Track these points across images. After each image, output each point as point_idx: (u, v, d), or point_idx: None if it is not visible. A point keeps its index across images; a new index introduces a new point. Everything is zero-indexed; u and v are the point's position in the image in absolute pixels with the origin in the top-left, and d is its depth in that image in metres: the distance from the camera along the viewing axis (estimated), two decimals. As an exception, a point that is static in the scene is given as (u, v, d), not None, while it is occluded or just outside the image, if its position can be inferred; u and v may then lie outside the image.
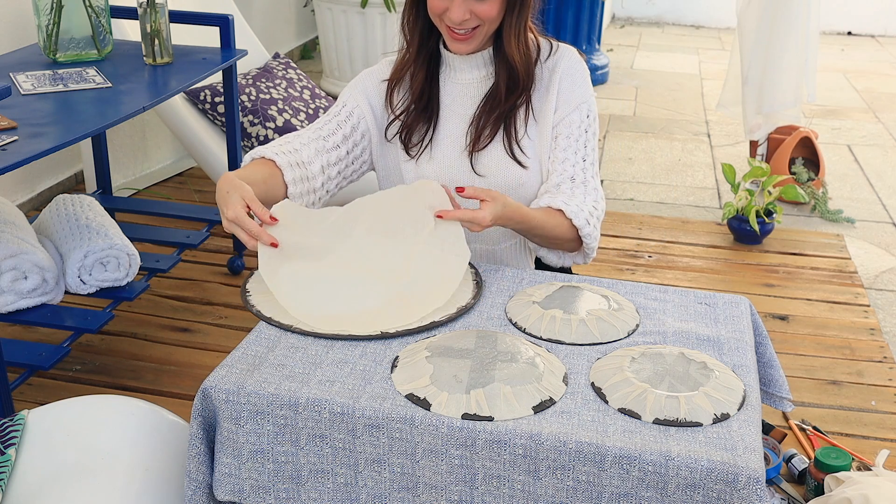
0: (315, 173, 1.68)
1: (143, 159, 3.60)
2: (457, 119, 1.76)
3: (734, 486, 1.18)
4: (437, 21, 1.66)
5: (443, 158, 1.76)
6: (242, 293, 1.56)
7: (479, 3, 1.60)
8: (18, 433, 1.45)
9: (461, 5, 1.59)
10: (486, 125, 1.73)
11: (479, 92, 1.75)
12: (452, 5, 1.59)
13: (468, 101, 1.76)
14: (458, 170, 1.76)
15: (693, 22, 7.36)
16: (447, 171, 1.76)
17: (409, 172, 1.78)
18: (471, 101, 1.76)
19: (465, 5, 1.59)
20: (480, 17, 1.61)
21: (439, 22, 1.65)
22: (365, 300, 1.51)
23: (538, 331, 1.47)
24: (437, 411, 1.26)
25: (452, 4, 1.59)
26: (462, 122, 1.76)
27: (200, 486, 1.35)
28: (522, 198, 1.76)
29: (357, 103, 1.76)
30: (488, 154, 1.74)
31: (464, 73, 1.75)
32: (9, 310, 2.13)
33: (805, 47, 3.61)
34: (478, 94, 1.75)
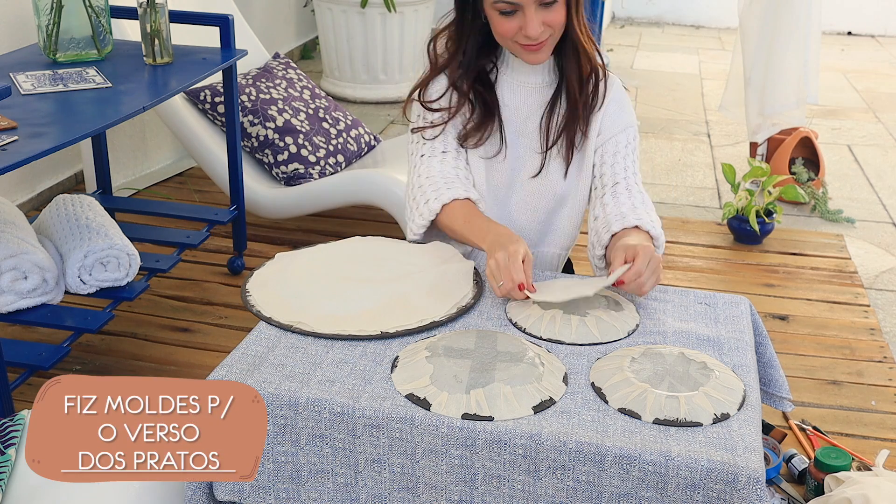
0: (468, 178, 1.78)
1: (143, 159, 3.60)
2: (523, 123, 1.78)
3: (734, 486, 1.18)
4: (508, 43, 1.67)
5: (513, 162, 1.79)
6: (242, 293, 1.57)
7: (548, 13, 1.61)
8: (18, 433, 1.46)
9: (534, 19, 1.60)
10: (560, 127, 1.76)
11: (538, 97, 1.77)
12: (527, 22, 1.60)
13: (528, 103, 1.78)
14: (523, 172, 1.79)
15: (693, 22, 7.36)
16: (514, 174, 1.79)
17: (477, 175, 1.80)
18: (530, 104, 1.77)
19: (537, 18, 1.60)
20: (552, 25, 1.63)
21: (510, 43, 1.67)
22: (365, 301, 1.51)
23: (538, 331, 1.47)
24: (438, 411, 1.26)
25: (527, 21, 1.60)
26: (528, 125, 1.78)
27: (200, 485, 1.35)
28: (558, 204, 1.81)
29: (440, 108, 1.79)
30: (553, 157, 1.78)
31: (528, 76, 1.76)
32: (9, 310, 2.13)
33: (806, 48, 3.60)
34: (537, 99, 1.77)
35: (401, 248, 1.71)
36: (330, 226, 3.25)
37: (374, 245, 1.73)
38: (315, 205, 3.04)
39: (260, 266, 1.66)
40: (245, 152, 3.12)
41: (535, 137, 1.78)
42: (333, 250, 1.69)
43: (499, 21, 1.64)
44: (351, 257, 1.67)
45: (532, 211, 1.82)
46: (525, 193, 1.81)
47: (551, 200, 1.81)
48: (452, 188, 1.70)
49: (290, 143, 3.08)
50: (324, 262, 1.65)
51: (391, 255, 1.67)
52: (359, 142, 3.30)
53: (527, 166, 1.79)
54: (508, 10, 1.61)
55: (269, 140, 3.08)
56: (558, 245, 1.85)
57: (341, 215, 3.28)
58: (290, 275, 1.60)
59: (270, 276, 1.61)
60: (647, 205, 1.73)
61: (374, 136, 3.41)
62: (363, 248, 1.71)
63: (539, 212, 1.82)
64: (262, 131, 3.08)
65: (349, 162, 3.22)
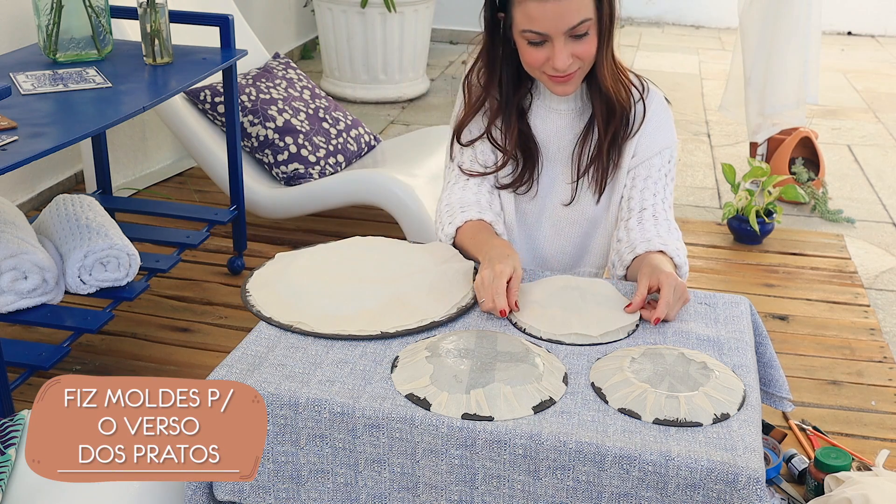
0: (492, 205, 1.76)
1: (143, 159, 3.60)
2: (555, 151, 1.76)
3: (734, 486, 1.18)
4: (537, 73, 1.64)
5: (543, 192, 1.78)
6: (242, 293, 1.57)
7: (578, 45, 1.58)
8: (18, 433, 1.46)
9: (563, 51, 1.57)
10: (591, 156, 1.73)
11: (571, 124, 1.74)
12: (556, 54, 1.57)
13: (561, 131, 1.75)
14: (553, 201, 1.78)
15: (693, 22, 7.36)
16: (544, 202, 1.78)
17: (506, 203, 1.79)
18: (563, 132, 1.75)
19: (566, 50, 1.57)
20: (581, 57, 1.59)
21: (539, 73, 1.64)
22: (365, 301, 1.51)
23: (538, 331, 1.47)
24: (437, 411, 1.26)
25: (555, 53, 1.57)
26: (560, 154, 1.76)
27: (200, 485, 1.35)
28: (588, 230, 1.80)
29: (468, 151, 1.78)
30: (584, 185, 1.77)
31: (560, 104, 1.74)
32: (9, 310, 2.13)
33: (806, 48, 3.60)
34: (570, 126, 1.74)
35: (401, 249, 1.71)
36: (330, 226, 3.25)
37: (374, 245, 1.73)
38: (315, 205, 3.04)
39: (260, 266, 1.66)
40: (245, 152, 3.12)
41: (567, 165, 1.76)
42: (333, 250, 1.69)
43: (527, 51, 1.60)
44: (351, 257, 1.67)
45: (565, 237, 1.81)
46: (556, 220, 1.79)
47: (584, 226, 1.80)
48: (467, 211, 1.71)
49: (290, 143, 3.08)
50: (324, 262, 1.65)
51: (391, 255, 1.67)
52: (359, 142, 3.31)
53: (557, 194, 1.78)
54: (537, 41, 1.58)
55: (269, 140, 3.08)
56: (594, 265, 1.85)
57: (341, 215, 3.29)
58: (290, 275, 1.60)
59: (270, 276, 1.61)
60: (674, 233, 1.68)
61: (374, 136, 3.41)
62: (363, 248, 1.71)
63: (572, 237, 1.81)
64: (262, 131, 3.08)
65: (349, 162, 3.22)
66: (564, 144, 1.76)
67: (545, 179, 1.77)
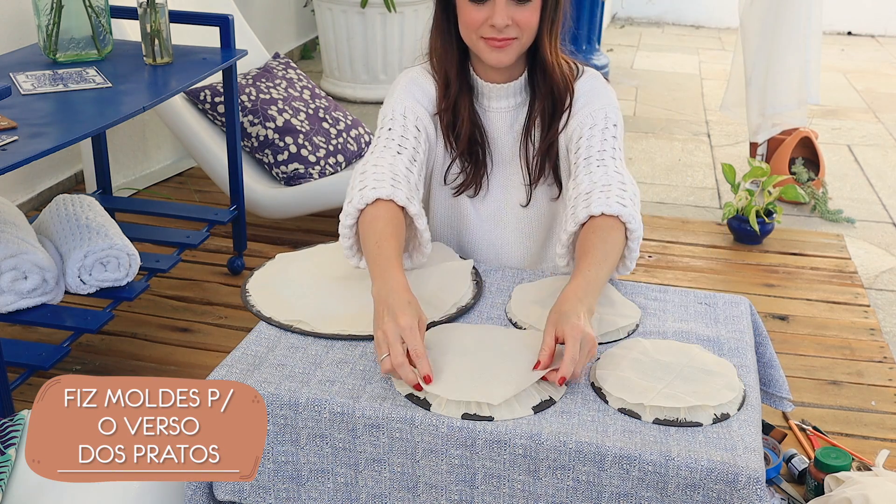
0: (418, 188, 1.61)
1: (143, 159, 3.60)
2: (498, 150, 1.73)
3: (734, 486, 1.18)
4: (473, 38, 1.60)
5: (497, 193, 1.74)
6: (242, 293, 1.57)
7: (519, 10, 1.56)
8: (18, 433, 1.46)
9: (504, 9, 1.55)
10: (541, 152, 1.69)
11: (513, 119, 1.71)
12: (496, 11, 1.55)
13: (505, 129, 1.72)
14: (511, 202, 1.75)
15: (693, 22, 7.36)
16: (501, 205, 1.75)
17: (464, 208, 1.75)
18: (507, 129, 1.72)
19: (506, 11, 1.56)
20: (520, 24, 1.57)
21: (475, 39, 1.60)
22: (364, 301, 1.51)
23: (538, 331, 1.47)
24: (437, 411, 1.26)
25: (496, 10, 1.55)
26: (507, 154, 1.73)
27: (200, 485, 1.35)
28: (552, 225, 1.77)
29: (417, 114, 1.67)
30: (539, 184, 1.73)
31: (498, 101, 1.70)
32: (9, 310, 2.13)
33: (807, 48, 3.60)
34: (512, 121, 1.71)
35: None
36: (330, 226, 3.25)
37: None
38: (315, 205, 3.04)
39: (260, 266, 1.66)
40: (245, 152, 3.12)
41: (517, 167, 1.73)
42: (333, 250, 1.69)
43: (467, 10, 1.58)
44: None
45: (527, 238, 1.78)
46: (517, 222, 1.77)
47: (547, 222, 1.77)
48: (398, 188, 1.51)
49: (290, 143, 3.08)
50: (324, 262, 1.65)
51: None
52: (359, 142, 3.30)
53: (514, 196, 1.75)
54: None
55: (269, 140, 3.08)
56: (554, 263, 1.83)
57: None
58: (290, 275, 1.60)
59: (270, 277, 1.61)
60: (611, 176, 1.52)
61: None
62: None
63: (537, 237, 1.79)
64: (262, 131, 3.08)
65: (349, 162, 3.22)
66: (509, 144, 1.72)
67: (499, 179, 1.74)
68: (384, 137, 1.63)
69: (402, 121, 1.65)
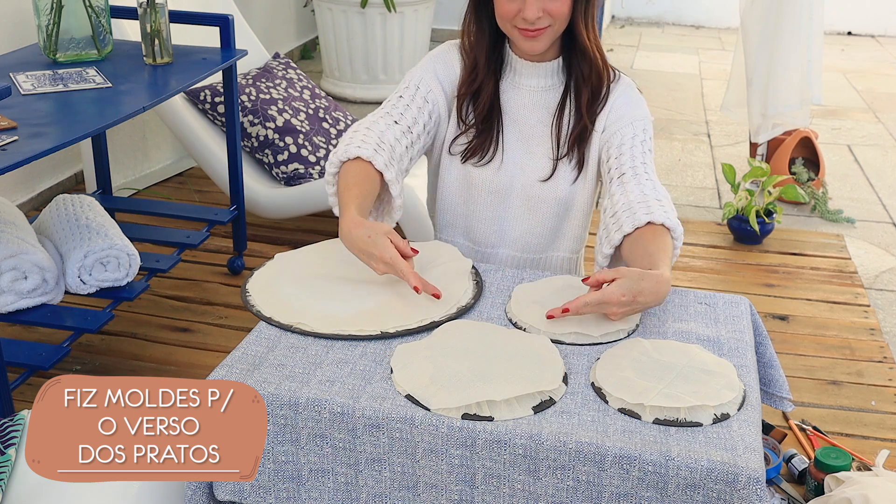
0: (402, 158, 1.72)
1: (143, 159, 3.60)
2: (521, 126, 1.78)
3: (734, 487, 1.18)
4: (507, 26, 1.68)
5: (513, 167, 1.78)
6: (242, 293, 1.57)
7: (551, 1, 1.62)
8: (18, 433, 1.46)
9: (534, 3, 1.61)
10: (575, 134, 1.75)
11: (542, 100, 1.77)
12: (527, 5, 1.61)
13: (531, 106, 1.77)
14: (525, 178, 1.78)
15: (693, 22, 7.36)
16: (513, 180, 1.78)
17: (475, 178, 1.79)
18: (534, 108, 1.77)
19: (538, 3, 1.61)
20: (552, 14, 1.63)
21: (510, 27, 1.67)
22: (364, 301, 1.51)
23: (538, 331, 1.47)
24: (437, 412, 1.26)
25: (526, 4, 1.61)
26: (535, 129, 1.77)
27: (200, 485, 1.35)
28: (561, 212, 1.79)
29: (430, 88, 1.77)
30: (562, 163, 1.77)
31: (530, 80, 1.76)
32: (9, 310, 2.13)
33: (808, 48, 3.60)
34: (542, 102, 1.77)
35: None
36: (330, 226, 3.25)
37: None
38: (315, 205, 3.04)
39: (260, 266, 1.66)
40: (245, 152, 3.12)
41: (542, 143, 1.77)
42: (332, 250, 1.69)
43: (501, 2, 1.65)
44: (349, 257, 1.66)
45: (536, 216, 1.81)
46: (529, 197, 1.79)
47: (557, 206, 1.79)
48: (380, 153, 1.62)
49: (290, 143, 3.08)
50: (323, 262, 1.65)
51: None
52: (359, 142, 3.30)
53: (534, 170, 1.78)
54: None
55: (269, 140, 3.08)
56: (567, 249, 1.85)
57: (341, 215, 3.28)
58: (289, 275, 1.60)
59: (270, 277, 1.61)
60: (659, 191, 1.62)
61: (374, 136, 3.41)
62: None
63: (544, 217, 1.81)
64: (262, 131, 3.08)
65: (349, 162, 3.22)
66: (538, 120, 1.77)
67: (518, 154, 1.78)
68: (391, 103, 1.76)
69: (413, 91, 1.76)
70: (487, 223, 1.82)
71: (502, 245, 1.84)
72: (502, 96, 1.78)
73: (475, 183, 1.80)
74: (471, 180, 1.80)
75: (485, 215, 1.82)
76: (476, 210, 1.82)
